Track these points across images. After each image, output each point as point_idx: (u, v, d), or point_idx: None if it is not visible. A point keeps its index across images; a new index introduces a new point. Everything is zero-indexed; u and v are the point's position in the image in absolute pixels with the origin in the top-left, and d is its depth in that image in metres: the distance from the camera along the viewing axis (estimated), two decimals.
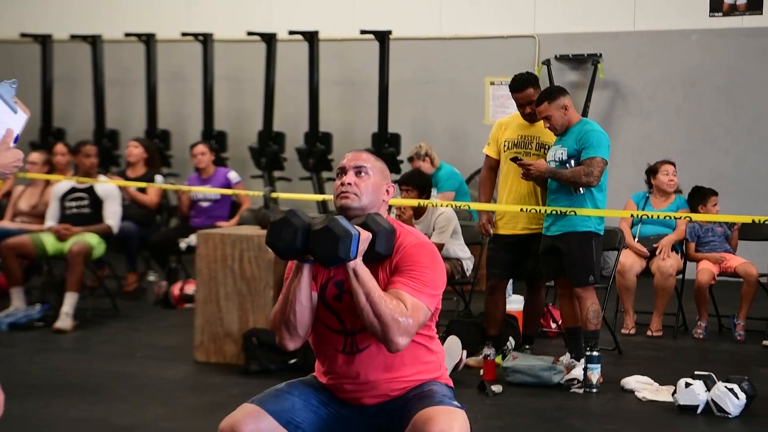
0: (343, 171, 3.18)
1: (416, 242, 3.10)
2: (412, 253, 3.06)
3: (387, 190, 3.21)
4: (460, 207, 7.39)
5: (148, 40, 11.55)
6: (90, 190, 7.82)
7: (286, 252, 2.99)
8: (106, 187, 7.90)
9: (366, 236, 2.96)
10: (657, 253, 7.26)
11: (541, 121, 6.01)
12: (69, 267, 7.31)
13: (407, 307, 2.95)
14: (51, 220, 7.66)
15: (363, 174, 3.15)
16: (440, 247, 6.65)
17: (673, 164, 7.56)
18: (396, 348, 2.95)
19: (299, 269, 3.03)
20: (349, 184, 3.13)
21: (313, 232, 2.92)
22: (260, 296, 6.12)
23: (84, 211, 7.72)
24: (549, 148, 6.04)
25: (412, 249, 3.07)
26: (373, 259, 3.02)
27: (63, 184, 7.84)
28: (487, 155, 6.36)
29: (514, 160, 5.98)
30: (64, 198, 7.72)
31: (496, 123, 6.43)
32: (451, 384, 3.21)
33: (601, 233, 5.98)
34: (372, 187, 3.15)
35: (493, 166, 6.37)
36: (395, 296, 2.97)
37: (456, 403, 3.02)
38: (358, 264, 2.94)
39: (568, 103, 5.90)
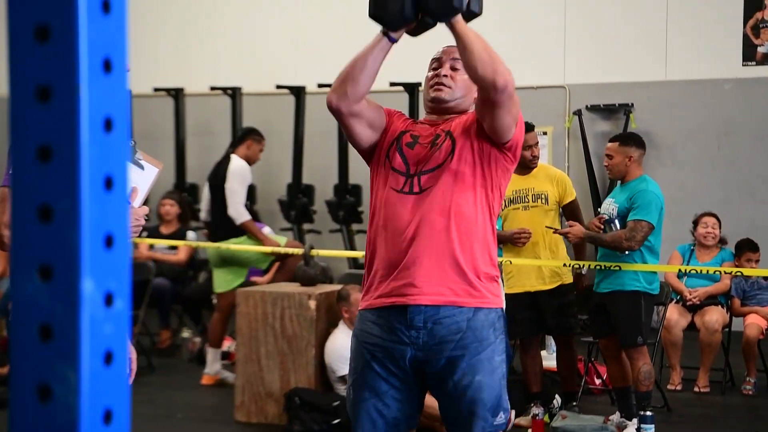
0: (438, 63, 3.19)
1: None
2: None
3: None
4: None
5: (177, 94, 11.57)
6: None
7: (396, 21, 2.97)
8: None
9: None
10: (689, 299, 7.07)
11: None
12: None
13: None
14: None
15: (459, 68, 3.15)
16: None
17: (715, 216, 7.44)
18: (503, 81, 2.90)
19: (378, 41, 3.00)
20: (445, 75, 3.15)
21: None
22: (302, 355, 6.02)
23: None
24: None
25: None
26: (467, 19, 3.00)
27: None
28: None
29: (553, 230, 5.89)
30: None
31: None
32: (503, 305, 3.14)
33: (653, 293, 5.82)
34: (467, 83, 3.15)
35: None
36: None
37: (500, 419, 3.03)
38: (461, 21, 2.92)
39: (634, 155, 5.80)
